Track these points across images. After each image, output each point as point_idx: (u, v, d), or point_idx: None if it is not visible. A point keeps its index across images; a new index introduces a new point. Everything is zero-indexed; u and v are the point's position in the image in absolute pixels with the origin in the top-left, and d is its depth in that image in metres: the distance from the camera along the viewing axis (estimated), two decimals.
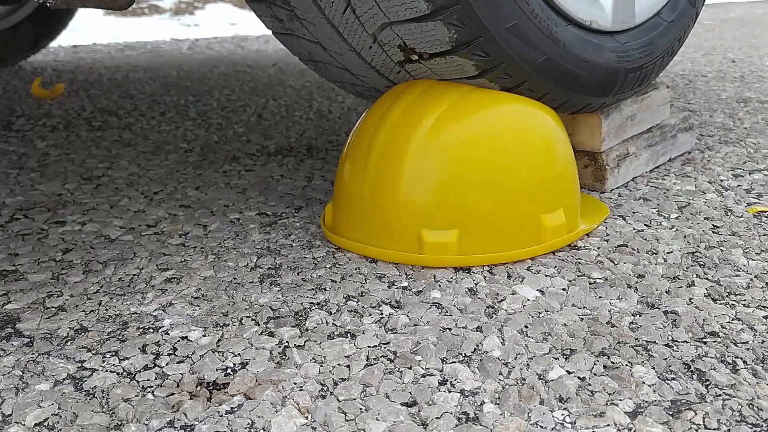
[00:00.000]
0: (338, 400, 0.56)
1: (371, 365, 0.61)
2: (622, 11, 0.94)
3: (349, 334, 0.66)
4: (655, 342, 0.63)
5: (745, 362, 0.60)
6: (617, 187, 1.05)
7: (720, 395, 0.56)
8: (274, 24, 0.92)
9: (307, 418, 0.54)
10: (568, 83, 0.87)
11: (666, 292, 0.73)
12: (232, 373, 0.60)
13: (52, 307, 0.73)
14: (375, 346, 0.64)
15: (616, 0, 0.92)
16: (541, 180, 0.80)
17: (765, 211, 0.95)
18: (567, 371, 0.59)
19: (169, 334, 0.67)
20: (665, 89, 1.12)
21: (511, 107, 0.82)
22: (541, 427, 0.52)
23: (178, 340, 0.66)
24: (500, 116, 0.82)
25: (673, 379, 0.58)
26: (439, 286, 0.75)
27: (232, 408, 0.55)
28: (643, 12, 0.98)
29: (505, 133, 0.81)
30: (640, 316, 0.68)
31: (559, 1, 0.85)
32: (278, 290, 0.75)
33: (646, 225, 0.91)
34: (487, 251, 0.79)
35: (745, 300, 0.71)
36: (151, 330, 0.68)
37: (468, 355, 0.62)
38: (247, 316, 0.70)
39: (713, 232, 0.88)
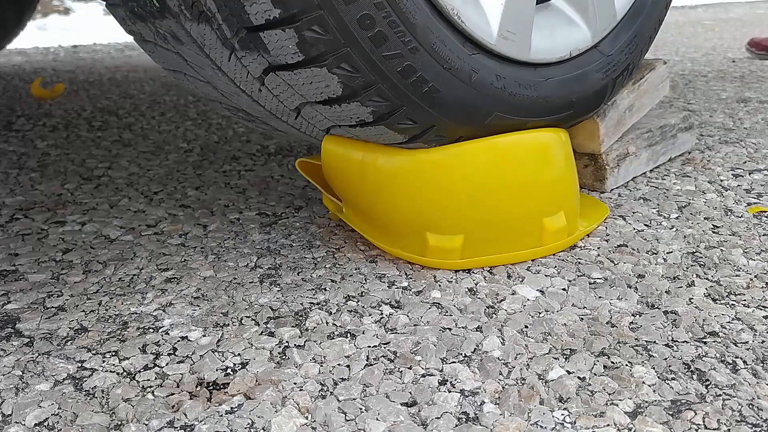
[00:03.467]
0: (338, 400, 0.56)
1: (371, 365, 0.61)
2: (600, 19, 0.85)
3: (349, 334, 0.66)
4: (655, 342, 0.63)
5: (745, 362, 0.60)
6: (617, 187, 1.05)
7: (720, 395, 0.56)
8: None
9: (307, 418, 0.54)
10: (562, 119, 0.83)
11: (666, 292, 0.73)
12: (232, 373, 0.60)
13: (52, 307, 0.73)
14: (375, 346, 0.64)
15: (593, 9, 0.83)
16: (543, 184, 0.79)
17: (765, 211, 0.95)
18: (567, 371, 0.59)
19: (169, 334, 0.67)
20: (662, 66, 1.11)
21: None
22: (541, 427, 0.52)
23: (178, 340, 0.66)
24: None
25: (673, 379, 0.58)
26: (439, 286, 0.75)
27: (232, 408, 0.55)
28: (624, 4, 0.89)
29: (507, 141, 0.78)
30: (640, 316, 0.68)
31: (534, 57, 0.77)
32: (278, 290, 0.75)
33: (646, 225, 0.91)
34: (489, 254, 0.79)
35: (745, 300, 0.71)
36: (151, 330, 0.68)
37: (468, 355, 0.62)
38: (247, 316, 0.70)
39: (713, 232, 0.88)
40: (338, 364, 0.61)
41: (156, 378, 0.60)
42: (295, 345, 0.64)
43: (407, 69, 0.66)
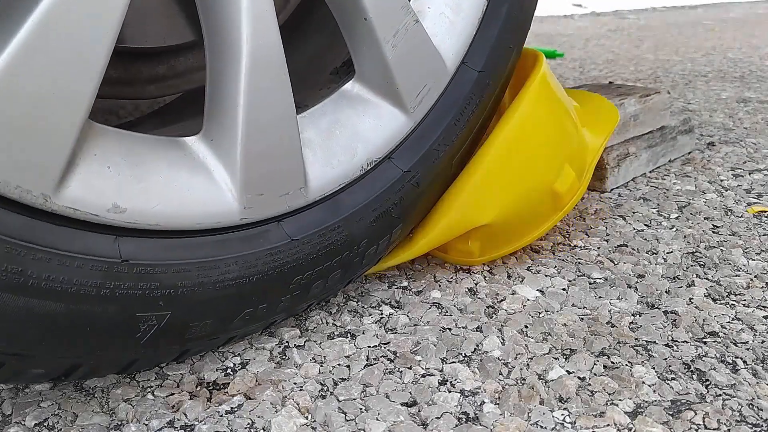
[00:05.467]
0: (338, 400, 0.56)
1: (371, 365, 0.61)
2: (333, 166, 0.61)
3: (349, 334, 0.66)
4: (655, 342, 0.63)
5: (745, 362, 0.60)
6: (617, 187, 1.05)
7: (720, 395, 0.56)
8: None
9: (307, 418, 0.54)
10: None
11: (666, 292, 0.73)
12: (232, 373, 0.60)
13: None
14: (375, 346, 0.64)
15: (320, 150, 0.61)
16: (546, 153, 0.75)
17: (765, 211, 0.95)
18: (567, 371, 0.59)
19: None
20: (666, 94, 1.12)
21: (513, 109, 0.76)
22: (541, 427, 0.52)
23: None
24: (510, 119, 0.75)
25: (673, 379, 0.58)
26: (439, 286, 0.75)
27: (232, 408, 0.55)
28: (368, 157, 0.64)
29: (514, 132, 0.74)
30: (640, 316, 0.68)
31: None
32: None
33: (646, 225, 0.91)
34: (505, 246, 0.78)
35: (745, 300, 0.71)
36: None
37: (468, 355, 0.62)
38: None
39: (713, 232, 0.88)
40: (338, 364, 0.61)
41: (156, 378, 0.60)
42: (295, 345, 0.64)
43: None
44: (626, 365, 0.60)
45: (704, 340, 0.64)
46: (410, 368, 0.60)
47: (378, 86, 0.64)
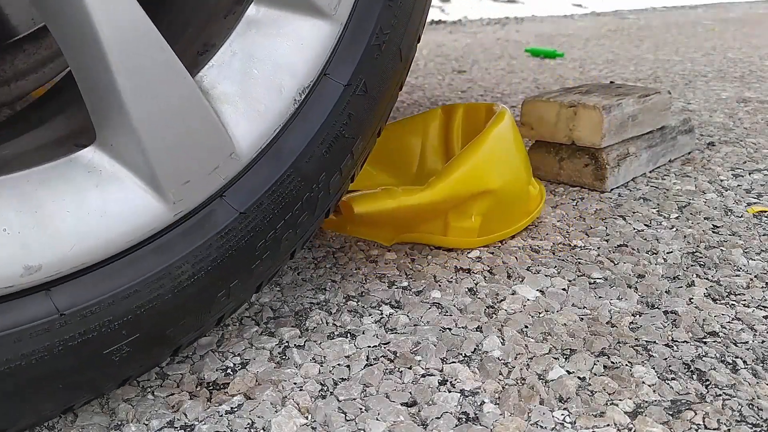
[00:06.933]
0: (338, 400, 0.56)
1: (371, 365, 0.61)
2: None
3: (349, 334, 0.66)
4: (655, 342, 0.63)
5: (745, 362, 0.60)
6: (617, 187, 1.05)
7: (720, 395, 0.56)
8: None
9: (307, 418, 0.54)
10: None
11: (666, 292, 0.73)
12: (232, 373, 0.60)
13: None
14: (375, 346, 0.64)
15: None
16: (525, 162, 0.90)
17: (765, 211, 0.95)
18: (567, 371, 0.59)
19: None
20: (667, 94, 1.12)
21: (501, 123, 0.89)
22: (541, 427, 0.52)
23: None
24: (501, 129, 0.88)
25: (673, 379, 0.58)
26: (439, 286, 0.75)
27: (232, 408, 0.55)
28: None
29: (505, 136, 0.88)
30: (640, 316, 0.68)
31: None
32: (278, 290, 0.75)
33: (646, 225, 0.91)
34: (500, 229, 0.86)
35: (745, 300, 0.71)
36: None
37: (468, 355, 0.62)
38: (247, 316, 0.70)
39: (713, 232, 0.88)
40: (338, 364, 0.61)
41: (156, 378, 0.60)
42: (295, 345, 0.64)
43: None
44: (626, 365, 0.60)
45: (704, 340, 0.64)
46: (410, 368, 0.60)
47: None
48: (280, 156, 0.54)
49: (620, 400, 0.55)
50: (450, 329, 0.66)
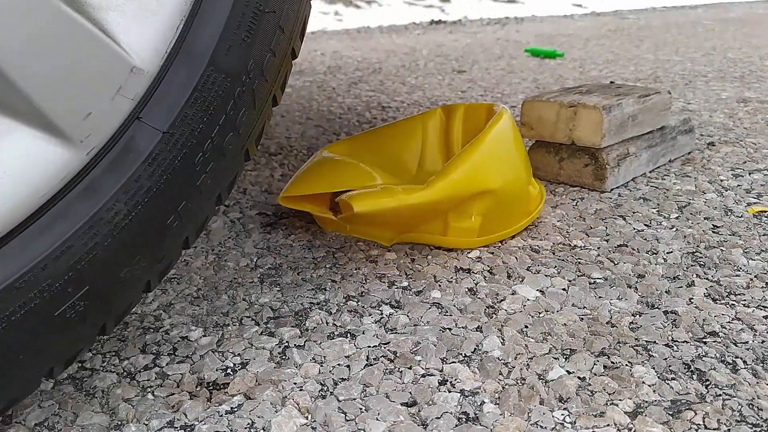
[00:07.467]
0: (338, 400, 0.56)
1: (371, 365, 0.61)
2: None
3: (349, 334, 0.66)
4: (655, 342, 0.63)
5: (745, 362, 0.60)
6: (617, 187, 1.05)
7: (720, 395, 0.56)
8: None
9: (307, 418, 0.54)
10: None
11: (666, 292, 0.73)
12: (232, 373, 0.60)
13: None
14: (375, 346, 0.64)
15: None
16: (525, 162, 0.91)
17: (765, 211, 0.95)
18: (567, 371, 0.59)
19: (169, 334, 0.67)
20: (667, 94, 1.12)
21: (503, 122, 0.90)
22: (541, 427, 0.52)
23: (179, 340, 0.66)
24: (501, 128, 0.89)
25: (673, 379, 0.58)
26: (439, 286, 0.75)
27: (232, 408, 0.55)
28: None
29: (505, 135, 0.88)
30: (640, 316, 0.68)
31: None
32: (278, 290, 0.75)
33: (646, 225, 0.91)
34: (500, 229, 0.86)
35: (745, 300, 0.71)
36: (152, 330, 0.68)
37: (468, 355, 0.62)
38: (247, 316, 0.70)
39: (713, 232, 0.88)
40: (338, 364, 0.61)
41: (156, 378, 0.60)
42: (295, 345, 0.64)
43: None
44: (626, 365, 0.60)
45: (704, 340, 0.64)
46: (410, 368, 0.60)
47: None
48: (193, 55, 0.47)
49: (620, 400, 0.55)
50: (450, 329, 0.66)
